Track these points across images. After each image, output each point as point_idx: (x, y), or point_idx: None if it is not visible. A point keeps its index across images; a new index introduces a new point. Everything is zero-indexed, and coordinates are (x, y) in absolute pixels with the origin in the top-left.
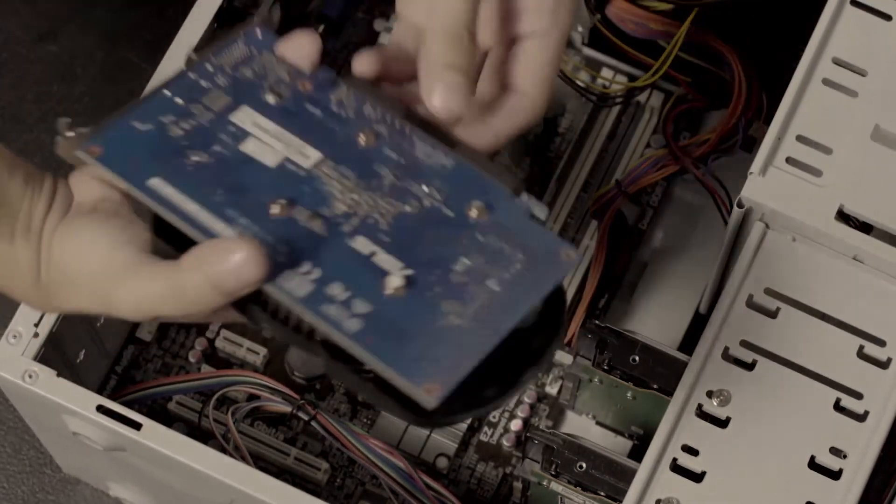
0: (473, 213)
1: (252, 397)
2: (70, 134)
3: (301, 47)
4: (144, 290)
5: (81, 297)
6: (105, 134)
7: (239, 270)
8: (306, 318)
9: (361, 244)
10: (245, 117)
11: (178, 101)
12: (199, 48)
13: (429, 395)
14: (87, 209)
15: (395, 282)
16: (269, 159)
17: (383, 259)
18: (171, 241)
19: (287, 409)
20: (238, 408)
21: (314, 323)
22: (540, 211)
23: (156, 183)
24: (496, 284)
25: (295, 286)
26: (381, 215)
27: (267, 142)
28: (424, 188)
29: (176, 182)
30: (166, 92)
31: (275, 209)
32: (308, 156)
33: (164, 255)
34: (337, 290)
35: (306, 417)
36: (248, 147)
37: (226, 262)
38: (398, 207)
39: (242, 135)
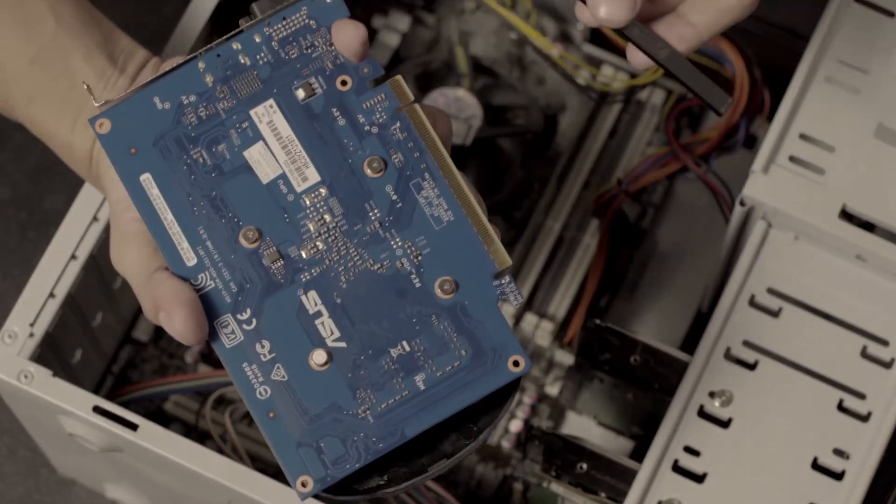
0: (441, 287)
1: None
2: (97, 104)
3: (346, 34)
4: (124, 266)
5: (109, 206)
6: (120, 108)
7: (174, 334)
8: (225, 368)
9: (311, 300)
10: (264, 114)
11: (208, 78)
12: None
13: (302, 489)
14: None
15: (319, 357)
16: (266, 173)
17: (324, 323)
18: None
19: None
20: (235, 408)
21: (230, 376)
22: (514, 299)
23: (146, 180)
24: (423, 382)
25: (227, 335)
26: (345, 270)
27: (273, 150)
28: (406, 245)
29: (164, 184)
30: (201, 64)
31: (244, 240)
32: (306, 178)
33: None
34: (264, 348)
35: None
36: (252, 154)
37: (167, 321)
38: (367, 264)
39: (252, 136)
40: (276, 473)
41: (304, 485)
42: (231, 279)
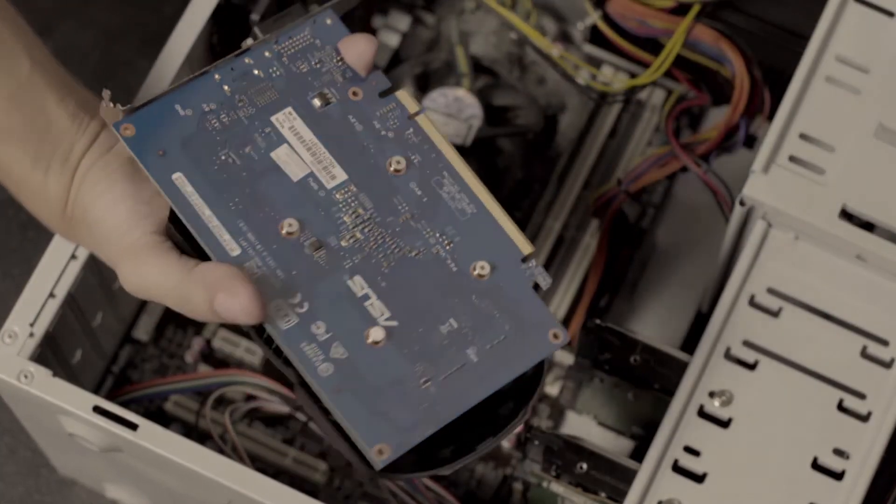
0: (476, 271)
1: (250, 398)
2: (110, 105)
3: (357, 47)
4: (151, 279)
5: (95, 244)
6: (142, 114)
7: (238, 313)
8: (284, 351)
9: (357, 285)
10: (285, 120)
11: (226, 88)
12: (264, 18)
13: (378, 457)
14: (125, 158)
15: (377, 334)
16: (295, 172)
17: (374, 305)
18: (181, 231)
19: (285, 409)
20: (236, 408)
21: (290, 358)
22: (543, 281)
23: (178, 178)
24: (475, 354)
25: (281, 318)
26: (385, 256)
27: (298, 152)
28: (437, 234)
29: (197, 182)
30: (217, 76)
31: (284, 229)
32: (334, 176)
33: (174, 242)
34: (320, 328)
35: (304, 418)
36: (279, 154)
37: (229, 300)
38: (404, 251)
39: (277, 140)
40: (276, 473)
41: (381, 452)
42: (277, 266)
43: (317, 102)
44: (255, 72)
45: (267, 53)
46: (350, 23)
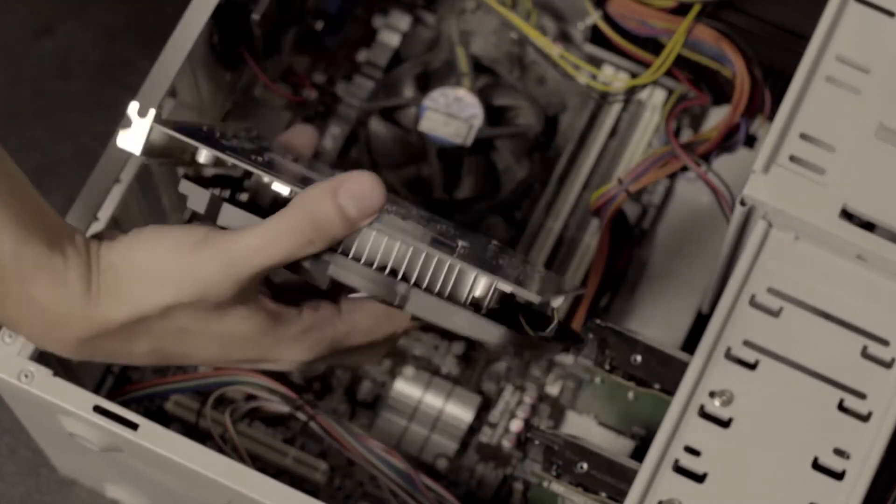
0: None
1: (250, 397)
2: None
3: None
4: (246, 239)
5: (143, 294)
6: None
7: (369, 191)
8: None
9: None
10: None
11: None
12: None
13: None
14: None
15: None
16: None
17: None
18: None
19: (285, 409)
20: (236, 408)
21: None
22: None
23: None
24: None
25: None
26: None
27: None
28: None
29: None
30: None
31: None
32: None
33: None
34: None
35: (304, 418)
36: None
37: (357, 183)
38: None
39: None
40: (277, 473)
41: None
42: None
43: None
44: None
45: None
46: (351, 22)
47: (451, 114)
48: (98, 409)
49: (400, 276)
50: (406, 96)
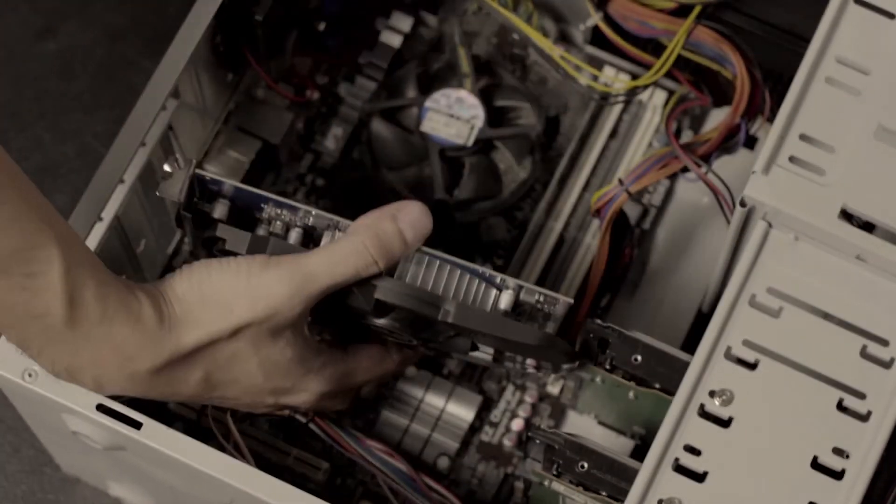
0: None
1: None
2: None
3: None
4: (317, 258)
5: (220, 310)
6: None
7: (424, 217)
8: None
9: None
10: None
11: None
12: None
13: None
14: None
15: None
16: None
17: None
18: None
19: (285, 412)
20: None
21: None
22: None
23: None
24: None
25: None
26: None
27: None
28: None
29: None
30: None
31: None
32: None
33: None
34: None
35: (304, 420)
36: None
37: (413, 209)
38: None
39: None
40: (279, 471)
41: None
42: None
43: None
44: None
45: None
46: (353, 24)
47: (453, 114)
48: (101, 408)
49: (440, 292)
50: (408, 97)
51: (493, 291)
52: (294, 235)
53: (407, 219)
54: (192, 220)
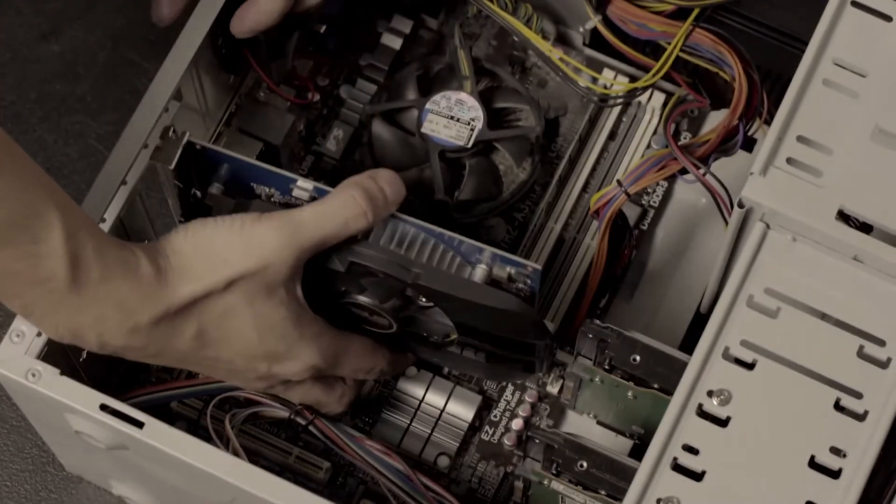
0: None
1: (250, 402)
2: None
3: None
4: (306, 211)
5: (215, 263)
6: None
7: (398, 180)
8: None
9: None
10: None
11: None
12: None
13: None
14: None
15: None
16: None
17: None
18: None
19: (285, 414)
20: (236, 413)
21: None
22: None
23: None
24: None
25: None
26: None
27: None
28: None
29: None
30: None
31: None
32: None
33: None
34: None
35: (303, 422)
36: None
37: (387, 172)
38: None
39: None
40: (280, 471)
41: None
42: None
43: None
44: None
45: None
46: (354, 25)
47: (453, 116)
48: (104, 408)
49: (413, 256)
50: (408, 99)
51: (468, 268)
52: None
53: (384, 179)
54: (182, 192)
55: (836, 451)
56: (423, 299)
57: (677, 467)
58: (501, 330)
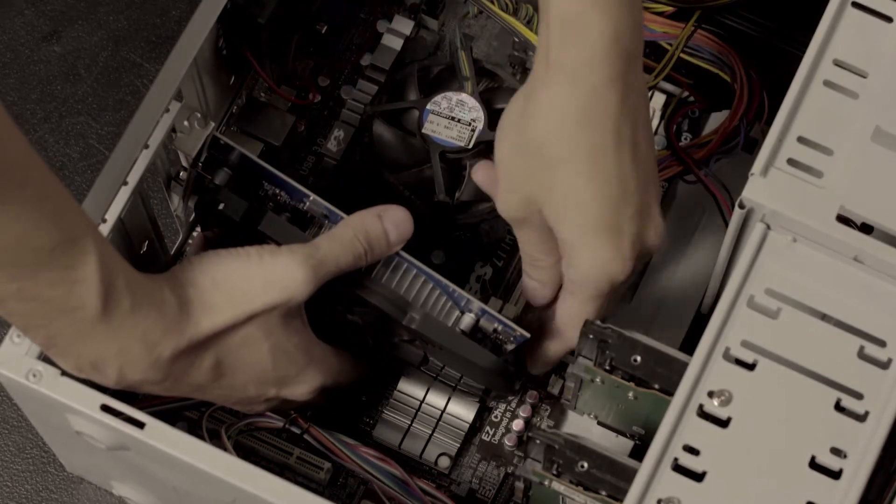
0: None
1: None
2: None
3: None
4: (327, 245)
5: (235, 297)
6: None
7: (406, 221)
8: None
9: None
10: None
11: None
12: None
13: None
14: None
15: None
16: None
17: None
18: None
19: (279, 423)
20: (231, 424)
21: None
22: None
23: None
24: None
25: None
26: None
27: None
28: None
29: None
30: None
31: None
32: None
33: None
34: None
35: (298, 431)
36: None
37: (396, 212)
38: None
39: None
40: (281, 471)
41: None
42: None
43: None
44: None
45: None
46: (355, 26)
47: (454, 117)
48: (105, 408)
49: (408, 293)
50: (409, 100)
51: (457, 312)
52: (286, 217)
53: (391, 220)
54: (192, 181)
55: (836, 451)
56: (409, 337)
57: (678, 468)
58: (474, 377)
